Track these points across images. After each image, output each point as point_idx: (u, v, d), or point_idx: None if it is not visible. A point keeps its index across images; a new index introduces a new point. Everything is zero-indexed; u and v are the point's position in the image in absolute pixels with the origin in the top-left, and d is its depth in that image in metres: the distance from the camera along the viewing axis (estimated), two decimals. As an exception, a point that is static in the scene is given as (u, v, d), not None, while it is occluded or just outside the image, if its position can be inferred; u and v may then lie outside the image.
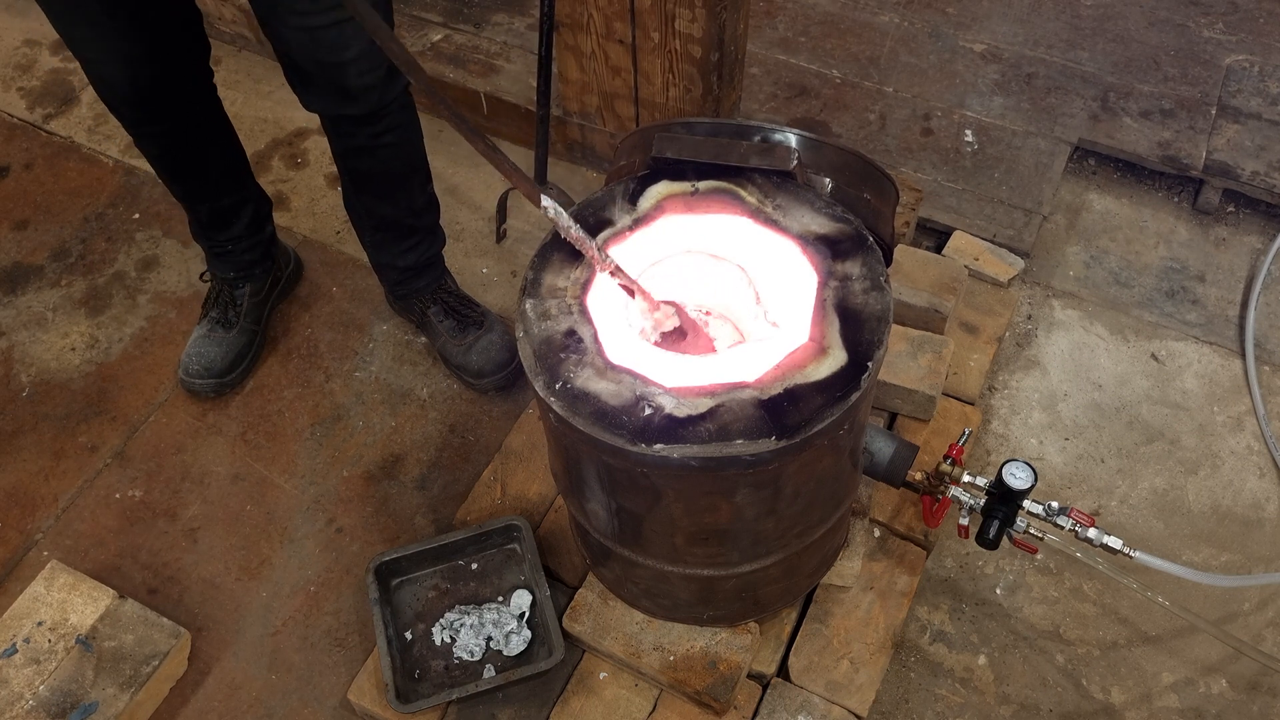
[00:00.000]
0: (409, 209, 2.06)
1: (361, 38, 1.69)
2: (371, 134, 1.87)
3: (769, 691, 1.73)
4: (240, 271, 2.22)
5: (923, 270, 2.14)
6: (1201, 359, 2.28)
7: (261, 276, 2.26)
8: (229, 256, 2.19)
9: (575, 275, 1.40)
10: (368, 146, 1.89)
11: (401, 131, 1.91)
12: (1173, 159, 2.55)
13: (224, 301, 2.23)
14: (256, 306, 2.26)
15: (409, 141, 1.96)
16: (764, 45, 2.87)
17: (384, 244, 2.11)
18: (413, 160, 2.00)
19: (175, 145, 1.95)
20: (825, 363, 1.28)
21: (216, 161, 2.05)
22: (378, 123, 1.85)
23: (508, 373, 2.18)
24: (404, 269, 2.14)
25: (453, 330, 2.19)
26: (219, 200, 2.09)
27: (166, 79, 1.81)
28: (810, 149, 1.49)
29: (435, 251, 2.17)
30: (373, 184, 2.00)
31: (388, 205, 2.03)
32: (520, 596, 1.81)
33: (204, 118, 1.97)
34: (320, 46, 1.69)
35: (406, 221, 2.07)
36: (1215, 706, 1.82)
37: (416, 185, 2.04)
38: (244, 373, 2.24)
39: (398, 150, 1.94)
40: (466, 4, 2.91)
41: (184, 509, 2.08)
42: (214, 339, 2.21)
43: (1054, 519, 1.64)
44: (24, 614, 1.81)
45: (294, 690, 1.85)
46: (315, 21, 1.64)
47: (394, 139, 1.90)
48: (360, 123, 1.84)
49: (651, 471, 1.30)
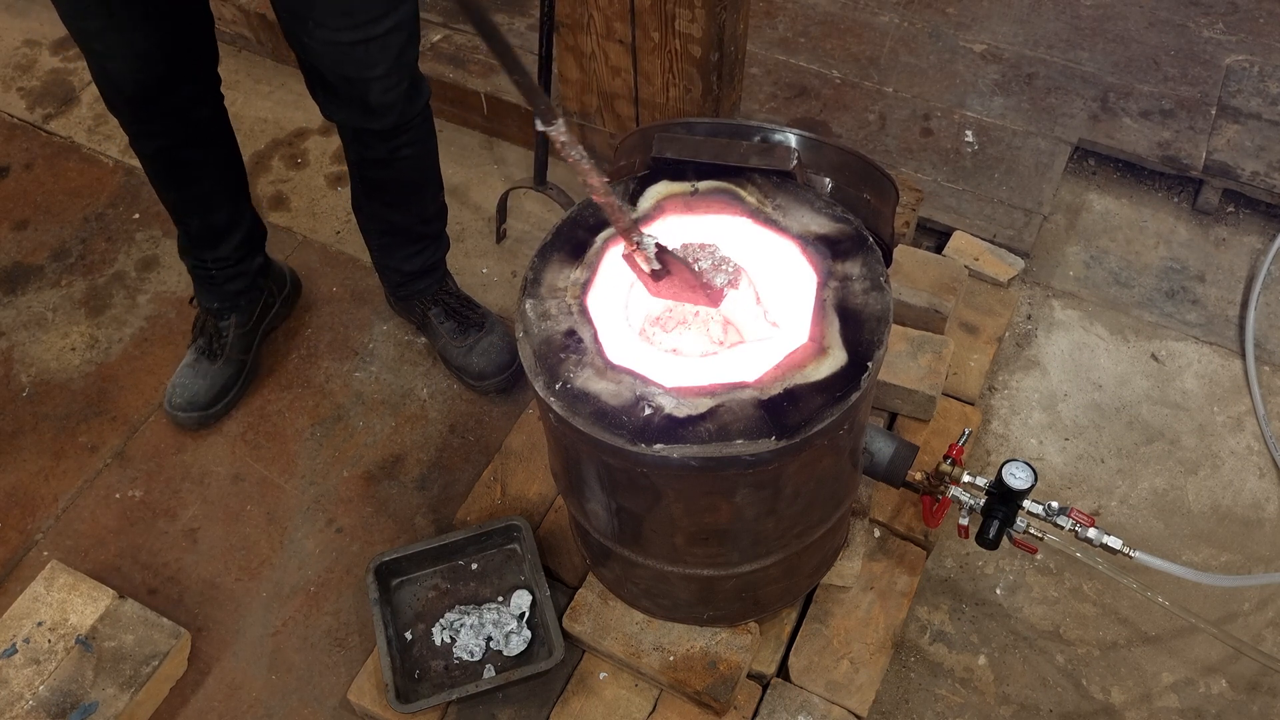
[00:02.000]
0: (419, 217, 2.05)
1: (388, 56, 1.69)
2: (390, 148, 1.87)
3: (769, 692, 1.73)
4: (225, 302, 2.16)
5: (923, 270, 2.14)
6: (1201, 359, 2.28)
7: (247, 308, 2.20)
8: (213, 284, 2.13)
9: (575, 275, 1.40)
10: (384, 159, 1.89)
11: (419, 145, 1.92)
12: (1173, 159, 2.55)
13: (209, 332, 2.17)
14: (244, 337, 2.20)
15: (426, 154, 1.96)
16: (764, 45, 2.87)
17: (390, 248, 2.11)
18: (427, 172, 2.00)
19: (173, 149, 1.91)
20: (825, 363, 1.28)
21: (213, 173, 2.00)
22: (397, 137, 1.85)
23: (508, 374, 2.18)
24: (408, 273, 2.14)
25: (453, 332, 2.18)
26: (210, 215, 2.04)
27: (173, 79, 1.78)
28: (810, 149, 1.49)
29: (439, 258, 2.16)
30: (385, 193, 2.00)
31: (398, 213, 2.03)
32: (520, 597, 1.81)
33: (207, 124, 1.94)
34: (347, 62, 1.69)
35: (416, 229, 2.07)
36: (1215, 707, 1.82)
37: (429, 195, 2.04)
38: (230, 403, 2.19)
39: (414, 163, 1.94)
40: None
41: (184, 509, 2.08)
42: (198, 370, 2.16)
43: (1054, 519, 1.64)
44: (24, 614, 1.81)
45: (294, 690, 1.85)
46: (345, 38, 1.64)
47: (411, 152, 1.90)
48: (380, 136, 1.84)
49: (651, 471, 1.30)
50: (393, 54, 1.70)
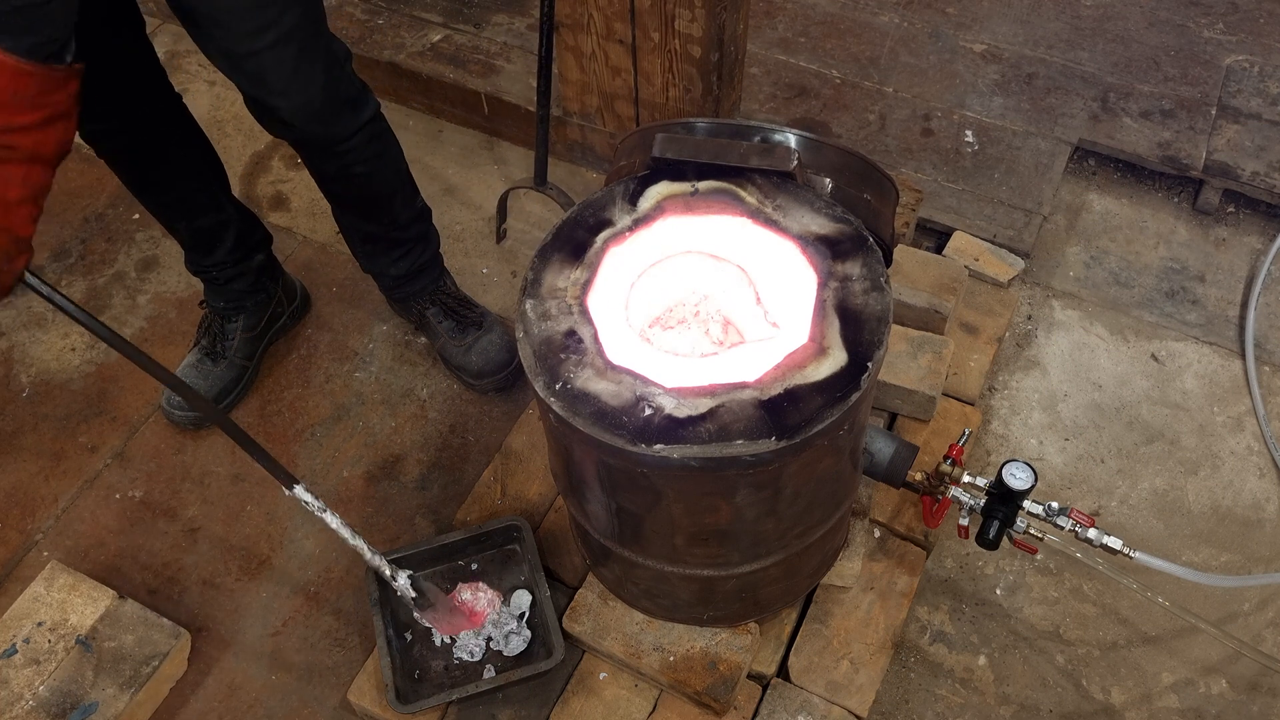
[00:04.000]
0: (393, 224, 2.01)
1: (282, 71, 1.58)
2: (339, 165, 1.80)
3: (769, 692, 1.73)
4: (230, 302, 2.14)
5: (923, 270, 2.14)
6: (1201, 359, 2.28)
7: (255, 311, 2.18)
8: (217, 286, 2.12)
9: (575, 275, 1.40)
10: (337, 175, 1.84)
11: (371, 163, 1.83)
12: (1173, 159, 2.55)
13: (214, 332, 2.16)
14: (249, 341, 2.19)
15: (382, 170, 1.88)
16: (764, 45, 2.87)
17: (373, 255, 2.09)
18: (390, 185, 1.93)
19: (130, 147, 1.83)
20: (825, 363, 1.28)
21: (183, 170, 1.94)
22: (343, 157, 1.78)
23: (508, 373, 2.18)
24: (397, 276, 2.12)
25: (452, 331, 2.18)
26: (195, 220, 2.00)
27: (103, 66, 1.56)
28: (810, 149, 1.49)
29: (428, 257, 2.13)
30: (353, 206, 1.96)
31: (372, 224, 2.00)
32: (520, 597, 1.81)
33: (162, 116, 1.85)
34: (243, 76, 1.60)
35: (393, 235, 2.04)
36: (1215, 707, 1.82)
37: (399, 204, 1.98)
38: (229, 407, 2.17)
39: (370, 179, 1.87)
40: (466, 4, 2.91)
41: (184, 509, 2.08)
42: (200, 371, 2.15)
43: (1054, 519, 1.64)
44: (24, 614, 1.81)
45: (294, 691, 1.85)
46: (236, 47, 1.54)
47: (365, 169, 1.83)
48: (324, 155, 1.77)
49: (651, 472, 1.30)
50: (287, 69, 1.58)
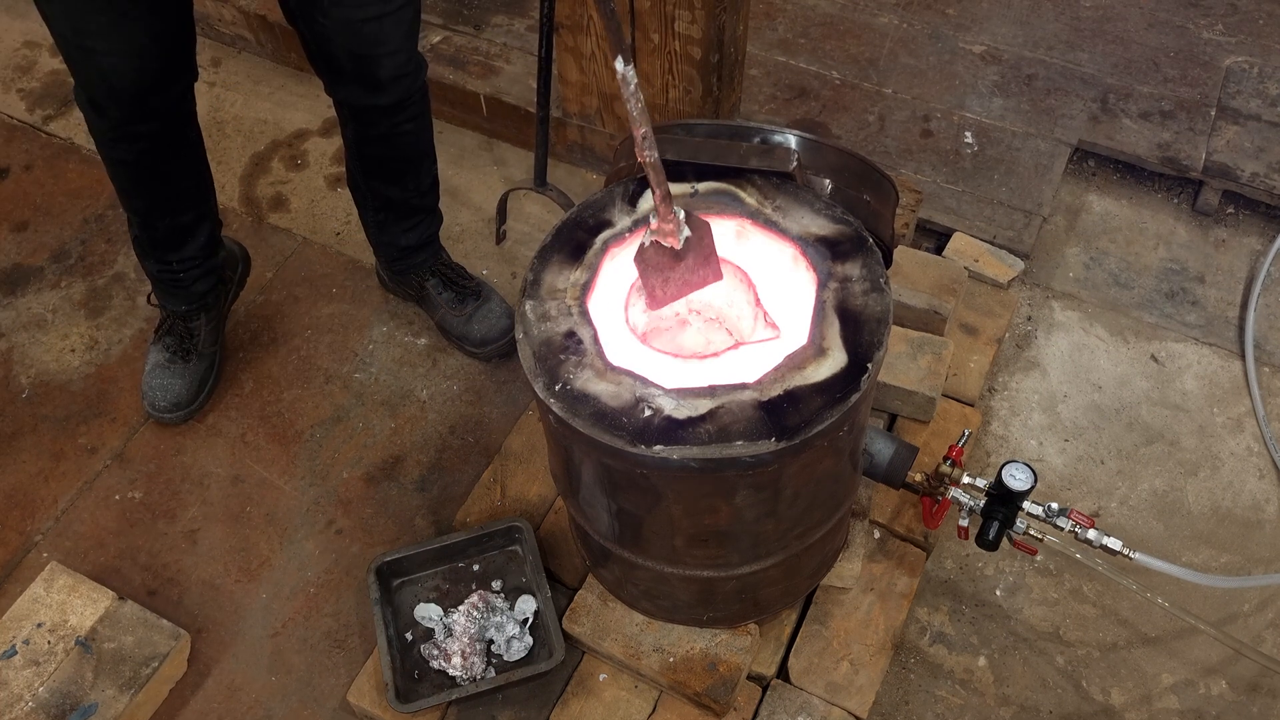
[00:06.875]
0: (416, 190, 2.09)
1: (400, 31, 1.75)
2: (392, 123, 1.92)
3: (769, 693, 1.73)
4: (193, 304, 2.13)
5: (922, 272, 2.14)
6: (1201, 360, 2.28)
7: (215, 304, 2.18)
8: (179, 287, 2.09)
9: (575, 276, 1.40)
10: (385, 135, 1.94)
11: (419, 120, 1.97)
12: (1172, 160, 2.55)
13: (179, 332, 2.15)
14: (214, 330, 2.19)
15: (424, 129, 2.01)
16: (763, 47, 2.87)
17: (386, 224, 2.14)
18: (427, 144, 2.05)
19: (156, 148, 1.87)
20: (825, 364, 1.28)
21: (188, 170, 1.98)
22: (400, 113, 1.90)
23: (509, 339, 2.20)
24: (404, 247, 2.18)
25: (451, 301, 2.22)
26: (180, 215, 2.01)
27: (166, 74, 1.77)
28: (810, 150, 1.49)
29: (435, 229, 2.21)
30: (384, 169, 2.03)
31: (395, 188, 2.07)
32: (525, 602, 1.80)
33: (187, 119, 1.91)
34: (359, 39, 1.74)
35: (412, 202, 2.11)
36: (1215, 708, 1.82)
37: (425, 169, 2.09)
38: (210, 392, 2.20)
39: (414, 138, 1.99)
40: (466, 5, 2.91)
41: (184, 510, 2.07)
42: (174, 370, 2.14)
43: (1054, 520, 1.64)
44: (23, 615, 1.81)
45: (294, 692, 1.85)
46: (358, 14, 1.69)
47: (412, 127, 1.96)
48: (384, 112, 1.89)
49: (651, 473, 1.30)
50: (404, 29, 1.77)
